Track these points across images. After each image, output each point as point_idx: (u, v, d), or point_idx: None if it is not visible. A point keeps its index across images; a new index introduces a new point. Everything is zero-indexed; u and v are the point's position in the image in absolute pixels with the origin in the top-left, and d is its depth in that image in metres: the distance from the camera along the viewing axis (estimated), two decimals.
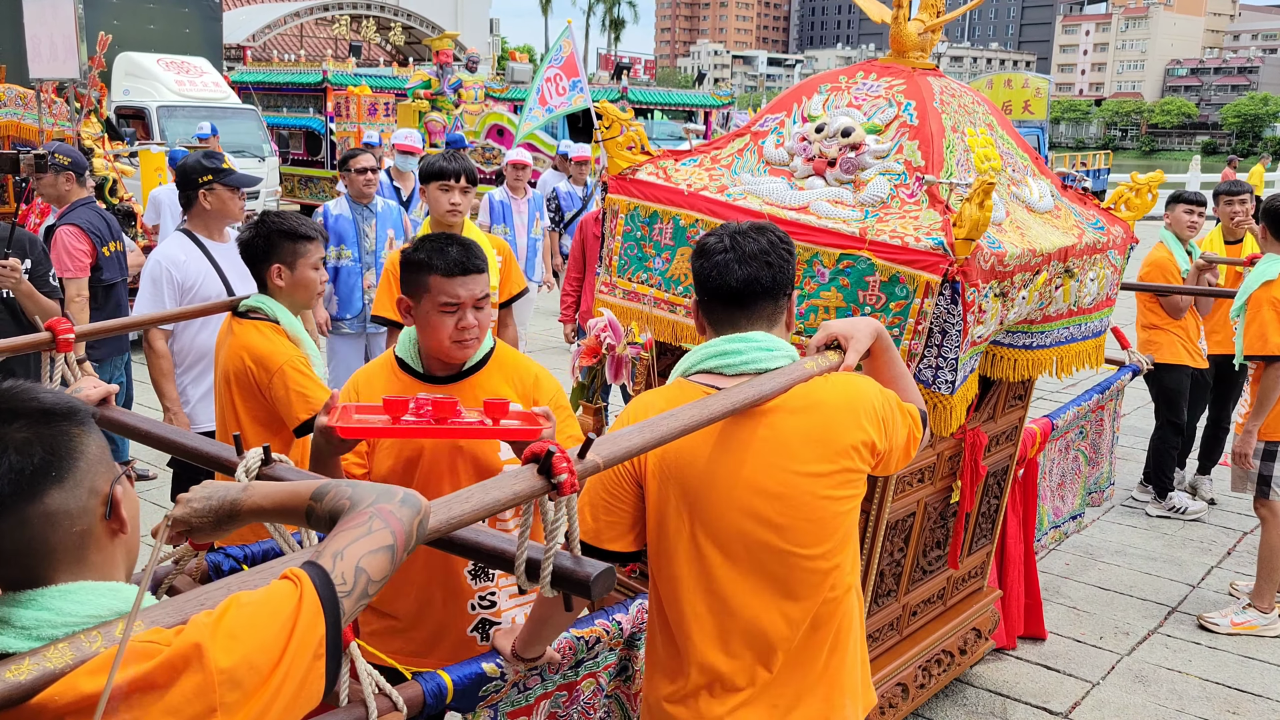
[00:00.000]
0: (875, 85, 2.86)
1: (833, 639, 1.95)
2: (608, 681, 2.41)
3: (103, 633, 1.10)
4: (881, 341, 2.06)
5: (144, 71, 15.69)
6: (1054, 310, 2.99)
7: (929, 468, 3.15)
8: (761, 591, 1.90)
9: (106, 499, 1.21)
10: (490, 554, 1.60)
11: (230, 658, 1.06)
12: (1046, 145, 26.27)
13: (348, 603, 1.18)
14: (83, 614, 1.13)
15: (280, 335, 2.98)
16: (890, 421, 1.96)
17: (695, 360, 1.98)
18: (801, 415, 1.89)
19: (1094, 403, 4.64)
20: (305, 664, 1.12)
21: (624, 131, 2.99)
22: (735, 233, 1.97)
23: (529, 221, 7.89)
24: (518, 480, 1.49)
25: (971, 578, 3.73)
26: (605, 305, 3.06)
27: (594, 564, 1.57)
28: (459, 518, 1.43)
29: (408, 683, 1.95)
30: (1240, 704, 3.92)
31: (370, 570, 1.22)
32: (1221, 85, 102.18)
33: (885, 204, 2.65)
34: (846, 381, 1.96)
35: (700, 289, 2.00)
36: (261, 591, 1.15)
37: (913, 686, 3.36)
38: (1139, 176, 3.35)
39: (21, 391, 1.21)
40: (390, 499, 1.31)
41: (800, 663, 1.93)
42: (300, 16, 30.13)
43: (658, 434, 1.70)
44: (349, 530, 1.25)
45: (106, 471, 1.22)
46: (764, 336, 1.95)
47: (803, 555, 1.89)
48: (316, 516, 1.37)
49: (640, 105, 20.62)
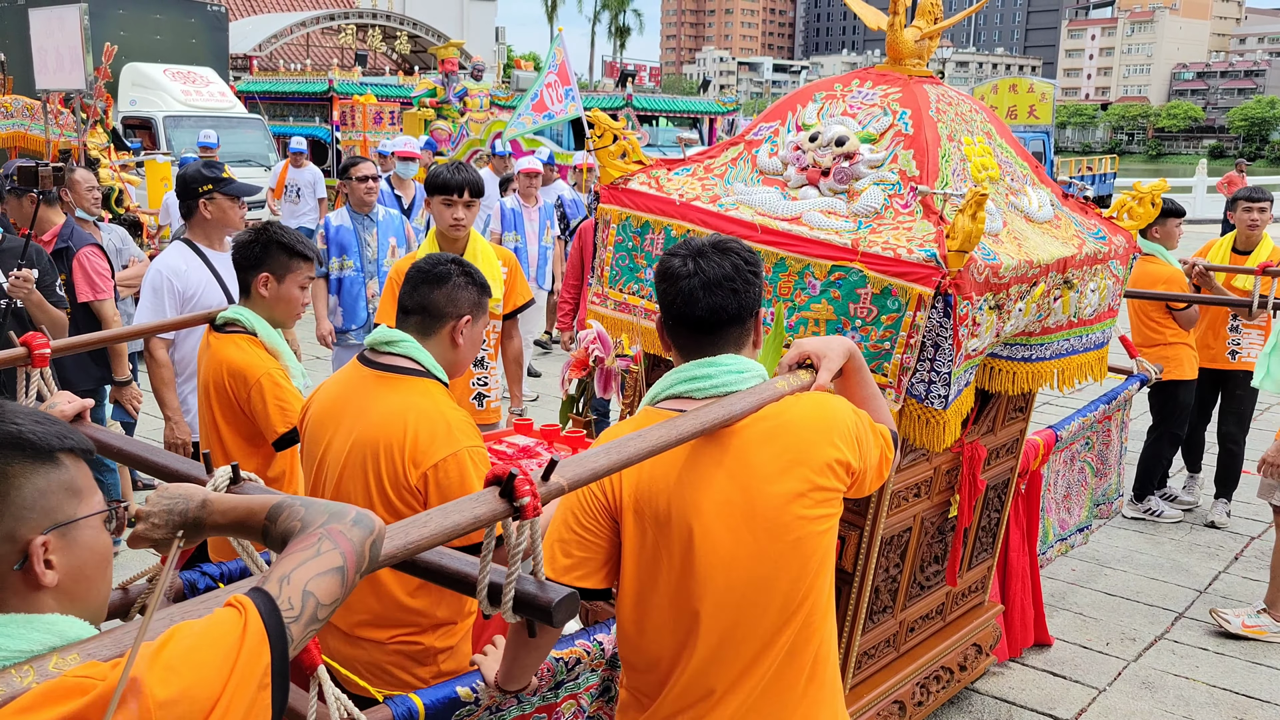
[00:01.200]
0: (871, 93, 2.83)
1: (810, 667, 1.90)
2: (589, 703, 2.36)
3: (34, 667, 1.06)
4: (854, 361, 2.03)
5: (150, 82, 15.76)
6: (1053, 322, 2.95)
7: (925, 482, 3.11)
8: (740, 616, 1.85)
9: (21, 552, 1.14)
10: (453, 577, 1.56)
11: (168, 690, 1.02)
12: (1052, 150, 26.18)
13: (295, 628, 1.15)
14: (14, 648, 1.09)
15: (257, 347, 2.96)
16: (864, 441, 1.92)
17: (664, 387, 1.94)
18: (774, 435, 1.85)
19: (1100, 413, 4.57)
20: (249, 695, 1.09)
21: (616, 141, 2.99)
22: (698, 254, 1.91)
23: (540, 229, 7.92)
24: (478, 503, 1.46)
25: (972, 592, 3.69)
26: (597, 316, 3.04)
27: (557, 589, 1.54)
28: (416, 542, 1.39)
29: (377, 706, 1.92)
30: (1248, 710, 3.89)
31: (319, 593, 1.18)
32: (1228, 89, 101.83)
33: (879, 215, 2.62)
34: (819, 401, 1.92)
35: (665, 312, 1.95)
36: (203, 621, 1.11)
37: (910, 704, 3.31)
38: (1142, 185, 3.31)
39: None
40: (341, 519, 1.27)
41: (778, 691, 1.89)
42: (306, 26, 30.23)
43: (624, 455, 1.65)
44: (297, 553, 1.22)
45: (37, 519, 1.15)
46: (733, 359, 1.92)
47: (779, 576, 1.84)
48: (271, 536, 1.35)
49: (645, 112, 20.65)
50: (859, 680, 3.13)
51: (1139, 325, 5.70)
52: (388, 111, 18.32)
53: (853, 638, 2.97)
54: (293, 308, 3.05)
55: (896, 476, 2.88)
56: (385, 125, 18.10)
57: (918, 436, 2.57)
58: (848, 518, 2.89)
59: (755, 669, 1.87)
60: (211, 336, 3.02)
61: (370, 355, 2.40)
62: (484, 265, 4.18)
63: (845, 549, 2.90)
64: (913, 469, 3.01)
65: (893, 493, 2.90)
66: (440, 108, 17.42)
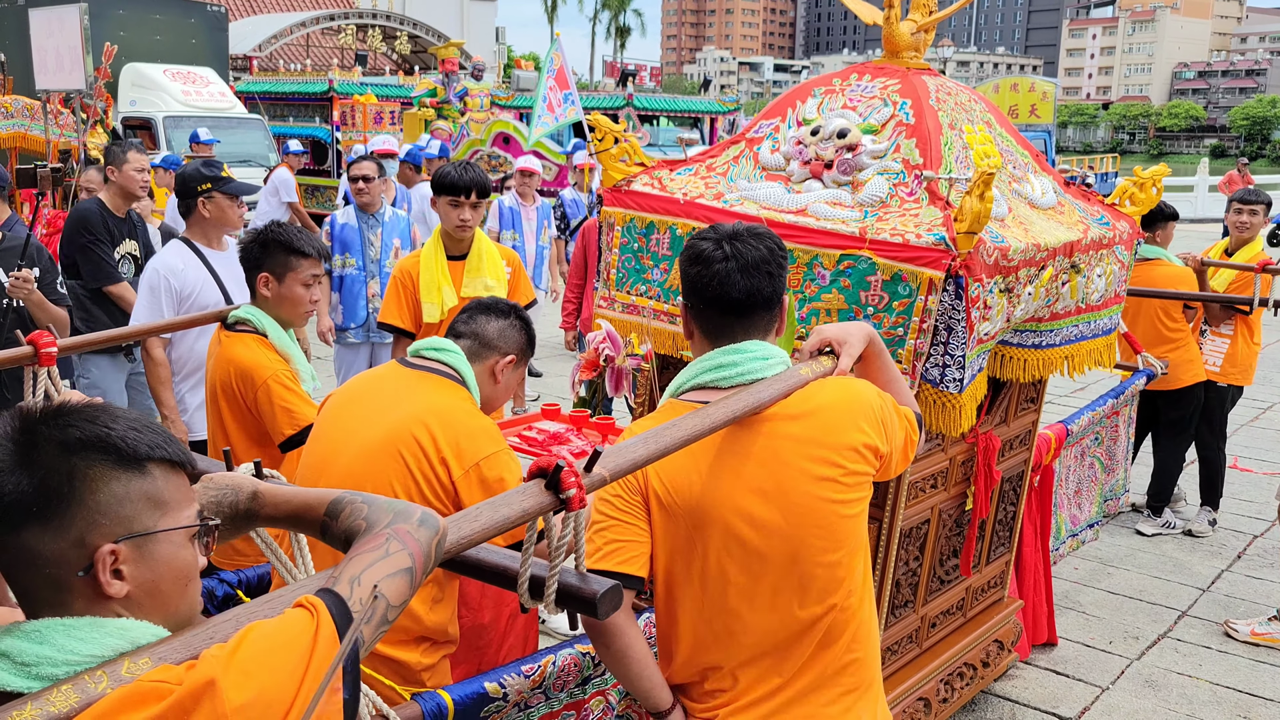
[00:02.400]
0: (870, 86, 2.83)
1: (846, 650, 1.90)
2: (618, 700, 2.34)
3: (108, 673, 1.03)
4: (874, 346, 2.04)
5: (150, 82, 15.76)
6: (1061, 307, 2.96)
7: (942, 473, 3.10)
8: (776, 601, 1.86)
9: (89, 559, 1.10)
10: (493, 571, 1.55)
11: (244, 694, 1.00)
12: (1054, 149, 26.18)
13: (366, 630, 1.13)
14: (85, 652, 1.06)
15: (267, 348, 2.95)
16: (889, 424, 1.94)
17: (689, 377, 1.95)
18: (801, 421, 1.86)
19: (1109, 408, 4.56)
20: (322, 698, 1.06)
21: (617, 144, 2.98)
22: (732, 238, 1.92)
23: (537, 229, 7.90)
24: (526, 496, 1.46)
25: (991, 588, 3.67)
26: (605, 319, 3.04)
27: (601, 581, 1.53)
28: (469, 537, 1.39)
29: (406, 703, 1.92)
30: (1251, 708, 3.88)
31: (389, 595, 1.17)
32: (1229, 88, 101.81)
33: (884, 203, 2.62)
34: (843, 385, 1.93)
35: (695, 296, 1.94)
36: (275, 621, 1.09)
37: (935, 701, 3.28)
38: (1143, 171, 3.31)
39: (63, 416, 1.13)
40: (408, 519, 1.26)
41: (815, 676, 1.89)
42: (306, 26, 30.25)
43: (662, 444, 1.66)
44: (365, 553, 1.20)
45: (110, 526, 1.11)
46: (759, 345, 1.93)
47: (813, 561, 1.85)
48: (332, 533, 1.32)
49: (646, 112, 20.66)
50: (884, 676, 3.11)
51: (1156, 326, 5.52)
52: (388, 112, 18.34)
53: None
54: (298, 306, 3.03)
55: (913, 467, 2.88)
56: (386, 125, 18.11)
57: (934, 422, 2.58)
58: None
59: (791, 654, 1.88)
60: (222, 335, 3.01)
61: (412, 358, 2.41)
62: (489, 265, 4.18)
63: None
64: (929, 459, 3.01)
65: (910, 484, 2.89)
66: (441, 108, 17.44)
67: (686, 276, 1.95)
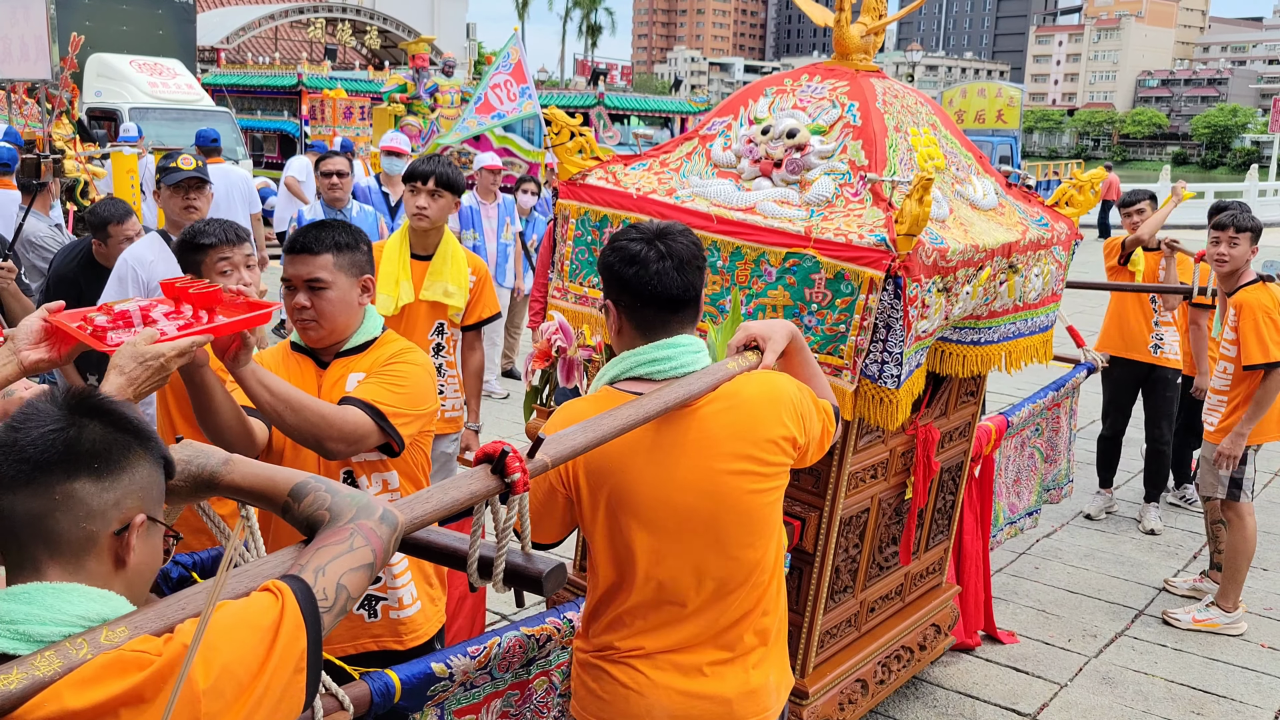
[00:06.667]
0: (820, 87, 2.93)
1: (758, 625, 2.05)
2: (561, 680, 2.42)
3: (88, 639, 1.09)
4: (796, 342, 2.14)
5: (116, 73, 15.60)
6: (999, 306, 3.07)
7: (882, 464, 3.20)
8: (700, 582, 1.98)
9: (124, 521, 1.20)
10: (443, 552, 1.64)
11: (209, 673, 1.08)
12: (1020, 154, 26.53)
13: (328, 618, 1.21)
14: (72, 612, 1.12)
15: None
16: (808, 417, 2.06)
17: (625, 368, 2.01)
18: (727, 413, 1.97)
19: (1049, 400, 4.71)
20: (285, 677, 1.14)
21: (574, 138, 3.06)
22: (661, 236, 1.98)
23: (499, 227, 7.84)
24: (473, 480, 1.55)
25: (930, 574, 3.78)
26: (558, 310, 3.11)
27: (546, 559, 1.62)
28: (420, 518, 1.47)
29: (355, 682, 1.97)
30: (1204, 705, 3.98)
31: (350, 588, 1.25)
32: (1191, 96, 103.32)
33: (830, 203, 2.72)
34: (768, 380, 2.04)
35: (629, 294, 1.97)
36: (240, 602, 1.16)
37: (872, 683, 3.39)
38: (1080, 174, 3.43)
39: (119, 403, 1.26)
40: (370, 515, 1.34)
41: (729, 649, 2.04)
42: (275, 19, 30.00)
43: (600, 432, 1.75)
44: (330, 546, 1.28)
45: (140, 502, 1.22)
46: (690, 339, 2.02)
47: (733, 549, 1.98)
48: (293, 515, 1.39)
49: (617, 111, 20.74)
50: (822, 659, 3.21)
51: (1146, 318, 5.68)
52: (358, 107, 18.28)
53: (815, 617, 3.05)
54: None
55: (854, 458, 2.98)
56: (355, 120, 18.06)
57: (872, 415, 2.68)
58: (807, 499, 2.98)
59: (705, 613, 2.00)
60: None
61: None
62: (453, 270, 4.07)
63: (806, 529, 2.99)
64: (869, 451, 3.10)
65: (851, 474, 2.99)
66: (411, 103, 17.40)
67: (619, 276, 1.98)
